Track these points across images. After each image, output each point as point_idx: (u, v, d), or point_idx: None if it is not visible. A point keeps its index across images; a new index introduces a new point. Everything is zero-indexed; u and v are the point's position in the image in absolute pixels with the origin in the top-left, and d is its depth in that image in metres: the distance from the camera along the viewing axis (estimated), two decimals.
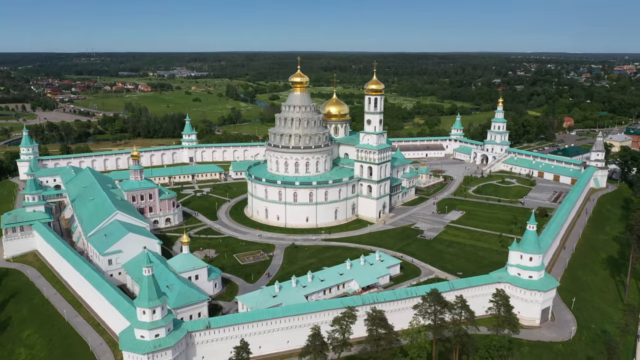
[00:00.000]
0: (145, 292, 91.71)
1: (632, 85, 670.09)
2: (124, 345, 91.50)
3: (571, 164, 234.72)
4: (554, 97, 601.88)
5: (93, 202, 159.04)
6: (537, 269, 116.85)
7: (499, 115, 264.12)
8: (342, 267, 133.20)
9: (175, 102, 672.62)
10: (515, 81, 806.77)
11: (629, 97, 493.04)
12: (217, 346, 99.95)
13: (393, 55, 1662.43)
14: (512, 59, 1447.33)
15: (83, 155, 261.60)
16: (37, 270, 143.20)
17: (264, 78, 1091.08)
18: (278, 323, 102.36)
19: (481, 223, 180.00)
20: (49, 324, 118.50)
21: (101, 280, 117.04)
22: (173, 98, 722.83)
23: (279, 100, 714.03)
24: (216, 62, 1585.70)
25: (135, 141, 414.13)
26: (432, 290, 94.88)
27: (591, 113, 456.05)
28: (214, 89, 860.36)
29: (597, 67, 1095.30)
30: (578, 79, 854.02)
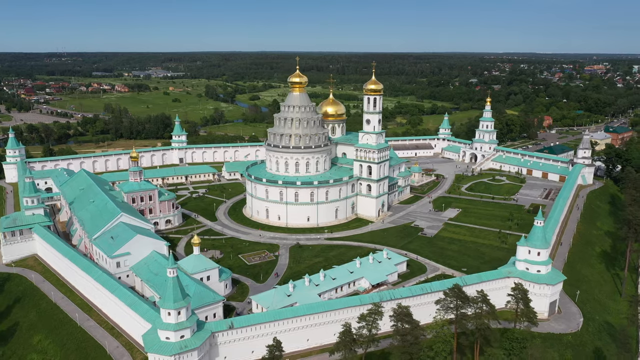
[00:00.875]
0: (170, 294, 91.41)
1: (604, 84, 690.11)
2: (149, 347, 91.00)
3: (558, 162, 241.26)
4: (531, 96, 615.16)
5: (94, 204, 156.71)
6: (545, 264, 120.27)
7: (486, 115, 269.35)
8: (352, 265, 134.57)
9: (154, 102, 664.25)
10: (492, 81, 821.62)
11: (604, 97, 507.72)
12: (239, 346, 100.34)
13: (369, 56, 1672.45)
14: (486, 59, 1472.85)
15: (71, 157, 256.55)
16: (40, 274, 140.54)
17: (242, 78, 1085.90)
18: (300, 321, 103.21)
19: (478, 220, 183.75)
20: (59, 328, 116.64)
21: (115, 283, 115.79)
22: (152, 99, 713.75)
23: (260, 100, 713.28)
24: (192, 62, 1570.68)
25: (118, 142, 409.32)
26: (454, 285, 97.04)
27: (568, 112, 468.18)
28: (192, 89, 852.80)
29: (569, 67, 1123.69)
30: (552, 78, 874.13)
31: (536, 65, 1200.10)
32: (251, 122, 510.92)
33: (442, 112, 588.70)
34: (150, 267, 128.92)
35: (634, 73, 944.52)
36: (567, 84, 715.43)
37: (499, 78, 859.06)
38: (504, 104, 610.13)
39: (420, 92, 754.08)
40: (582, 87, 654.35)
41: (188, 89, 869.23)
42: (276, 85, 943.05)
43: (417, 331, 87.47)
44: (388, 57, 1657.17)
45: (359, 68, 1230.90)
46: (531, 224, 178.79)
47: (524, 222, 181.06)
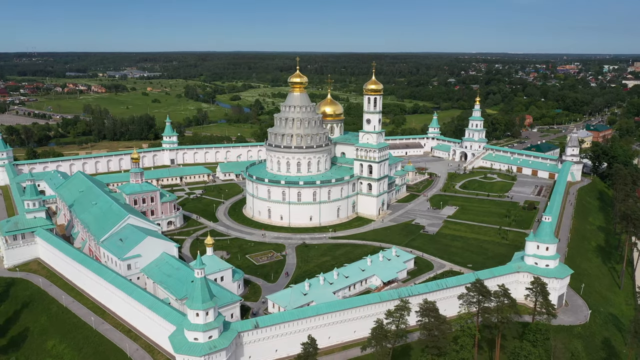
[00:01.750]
0: (199, 294, 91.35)
1: (578, 84, 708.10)
2: (178, 348, 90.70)
3: (547, 160, 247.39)
4: (509, 95, 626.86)
5: (97, 206, 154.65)
6: (553, 258, 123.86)
7: (476, 114, 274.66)
8: (363, 263, 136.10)
9: (133, 103, 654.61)
10: (470, 80, 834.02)
11: (581, 95, 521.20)
12: (263, 345, 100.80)
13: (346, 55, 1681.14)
14: (461, 59, 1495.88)
15: (60, 159, 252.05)
16: (45, 278, 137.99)
17: (220, 78, 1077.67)
18: (323, 319, 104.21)
19: (477, 217, 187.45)
20: (73, 332, 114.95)
21: (132, 286, 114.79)
22: (130, 99, 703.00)
23: (241, 101, 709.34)
24: (168, 62, 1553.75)
25: (102, 144, 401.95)
26: (476, 280, 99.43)
27: (547, 111, 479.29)
28: (170, 90, 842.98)
29: (542, 66, 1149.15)
30: (527, 78, 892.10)
31: (510, 65, 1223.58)
32: (235, 123, 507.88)
33: (424, 112, 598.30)
34: (161, 269, 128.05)
35: (605, 73, 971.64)
36: (544, 83, 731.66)
37: (477, 78, 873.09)
38: (483, 103, 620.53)
39: (401, 92, 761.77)
40: (558, 86, 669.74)
41: (166, 89, 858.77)
42: (255, 86, 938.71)
43: (445, 326, 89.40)
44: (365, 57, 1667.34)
45: (337, 68, 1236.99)
46: (527, 221, 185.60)
47: (520, 218, 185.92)
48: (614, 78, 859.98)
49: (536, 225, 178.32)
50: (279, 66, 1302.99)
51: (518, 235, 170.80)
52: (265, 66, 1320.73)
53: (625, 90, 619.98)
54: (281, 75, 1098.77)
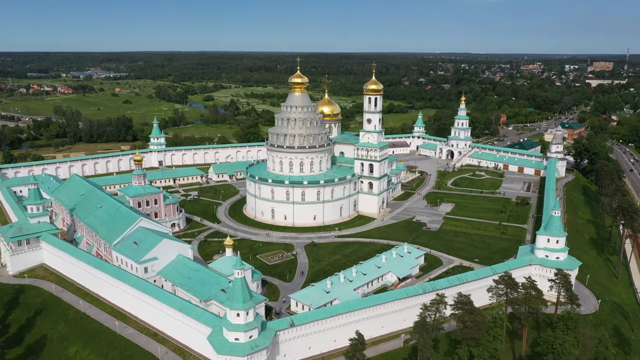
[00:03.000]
0: (240, 295, 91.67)
1: (545, 83, 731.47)
2: (220, 349, 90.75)
3: (533, 157, 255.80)
4: (480, 95, 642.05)
5: (103, 210, 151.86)
6: (563, 250, 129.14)
7: (461, 113, 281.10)
8: (378, 260, 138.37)
9: (103, 104, 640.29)
10: (440, 80, 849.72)
11: (551, 95, 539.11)
12: (298, 343, 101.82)
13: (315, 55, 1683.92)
14: (427, 59, 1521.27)
15: (46, 163, 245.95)
16: (55, 284, 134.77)
17: (189, 79, 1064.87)
18: (354, 315, 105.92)
19: (474, 213, 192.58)
20: (96, 338, 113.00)
21: (157, 289, 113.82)
22: (100, 100, 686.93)
23: (214, 101, 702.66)
24: (133, 62, 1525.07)
25: (78, 146, 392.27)
26: (505, 273, 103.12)
27: (520, 109, 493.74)
28: (140, 90, 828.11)
29: (506, 66, 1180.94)
30: (494, 77, 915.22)
31: (476, 65, 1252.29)
32: (212, 124, 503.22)
33: (399, 111, 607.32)
34: (180, 271, 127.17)
35: (567, 72, 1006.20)
36: (513, 82, 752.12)
37: (447, 77, 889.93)
38: (455, 102, 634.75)
39: None
40: (526, 85, 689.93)
41: (135, 90, 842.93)
42: (227, 86, 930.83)
43: (479, 317, 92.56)
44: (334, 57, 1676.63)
45: (307, 68, 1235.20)
46: (522, 216, 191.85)
47: (515, 214, 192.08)
48: (576, 77, 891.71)
49: (531, 221, 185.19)
50: (249, 66, 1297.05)
51: (516, 230, 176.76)
52: (234, 66, 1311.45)
53: (590, 89, 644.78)
54: (251, 75, 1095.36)
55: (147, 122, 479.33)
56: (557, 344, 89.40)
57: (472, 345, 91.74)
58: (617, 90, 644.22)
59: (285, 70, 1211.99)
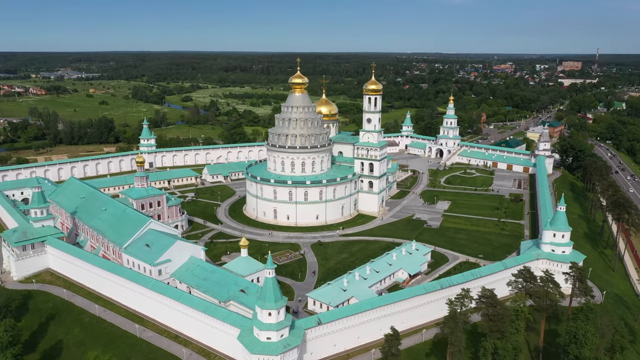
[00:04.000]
0: (271, 294, 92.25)
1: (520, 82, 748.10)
2: (253, 349, 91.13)
3: (521, 154, 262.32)
4: (458, 94, 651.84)
5: (108, 212, 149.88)
6: (568, 245, 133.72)
7: (450, 112, 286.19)
8: (389, 258, 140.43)
9: (80, 105, 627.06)
10: (418, 80, 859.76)
11: (528, 94, 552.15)
12: (324, 341, 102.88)
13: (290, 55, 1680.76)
14: (401, 59, 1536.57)
15: (34, 165, 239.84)
16: (64, 288, 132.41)
17: (164, 79, 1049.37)
18: (377, 312, 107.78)
19: (471, 210, 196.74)
20: (115, 342, 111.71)
21: (178, 291, 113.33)
22: (75, 101, 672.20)
23: (192, 102, 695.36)
24: (104, 62, 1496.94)
25: (59, 149, 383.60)
26: (524, 267, 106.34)
27: (498, 108, 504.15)
28: (114, 91, 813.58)
29: (479, 66, 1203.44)
30: (469, 77, 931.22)
31: (450, 64, 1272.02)
32: (194, 124, 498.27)
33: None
34: (195, 272, 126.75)
35: (539, 72, 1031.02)
36: (490, 82, 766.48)
37: (423, 77, 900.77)
38: (433, 101, 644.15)
39: (352, 92, 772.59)
40: (503, 85, 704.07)
41: (110, 90, 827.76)
42: (204, 86, 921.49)
43: (504, 311, 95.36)
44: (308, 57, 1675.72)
45: (283, 68, 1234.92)
46: (518, 212, 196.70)
47: (511, 210, 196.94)
48: (548, 76, 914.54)
49: (527, 217, 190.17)
50: (223, 66, 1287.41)
51: (514, 226, 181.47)
52: (209, 66, 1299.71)
53: (564, 88, 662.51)
54: (227, 75, 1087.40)
55: (127, 123, 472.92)
56: (580, 334, 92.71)
57: (497, 338, 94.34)
58: (589, 89, 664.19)
59: (261, 71, 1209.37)
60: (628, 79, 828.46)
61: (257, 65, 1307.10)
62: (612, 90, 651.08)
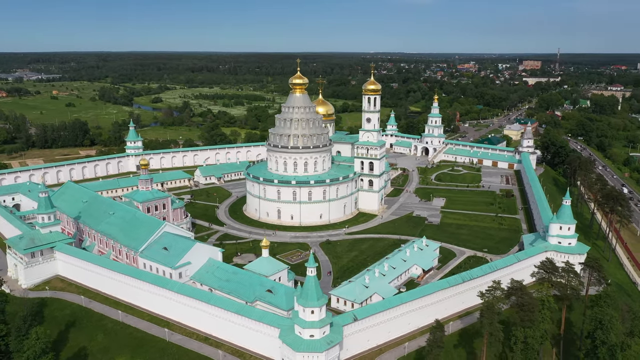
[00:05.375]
0: (314, 292, 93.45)
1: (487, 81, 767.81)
2: (298, 347, 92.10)
3: (505, 151, 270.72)
4: (429, 93, 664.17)
5: (117, 216, 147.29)
6: (574, 237, 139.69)
7: (434, 111, 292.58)
8: (403, 254, 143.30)
9: (45, 108, 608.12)
10: (387, 79, 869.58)
11: (498, 92, 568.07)
12: (359, 337, 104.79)
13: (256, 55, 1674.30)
14: (366, 59, 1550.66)
15: (18, 170, 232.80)
16: (78, 294, 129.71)
17: (130, 80, 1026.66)
18: (407, 307, 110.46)
19: (466, 206, 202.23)
20: (143, 347, 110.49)
21: (208, 293, 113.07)
22: (40, 104, 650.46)
23: (163, 103, 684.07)
24: (64, 63, 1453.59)
25: (33, 152, 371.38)
26: (546, 259, 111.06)
27: (470, 107, 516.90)
28: (79, 93, 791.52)
29: (443, 65, 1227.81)
30: (435, 76, 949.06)
31: (415, 64, 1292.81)
32: (170, 126, 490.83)
33: (354, 110, 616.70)
34: (216, 274, 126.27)
35: (502, 71, 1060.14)
36: (459, 81, 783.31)
37: (393, 77, 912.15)
38: (405, 100, 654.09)
39: (324, 92, 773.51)
40: (471, 83, 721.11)
41: (74, 92, 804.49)
42: (172, 87, 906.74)
43: (534, 301, 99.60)
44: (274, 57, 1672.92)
45: (251, 68, 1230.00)
46: (511, 207, 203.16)
47: (505, 205, 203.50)
48: (511, 75, 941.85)
49: (521, 212, 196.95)
50: (190, 67, 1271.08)
51: (511, 220, 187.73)
52: (174, 67, 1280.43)
53: (530, 87, 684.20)
54: (195, 76, 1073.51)
55: (100, 125, 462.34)
56: (606, 319, 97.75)
57: (527, 327, 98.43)
58: (553, 87, 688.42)
59: (228, 71, 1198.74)
60: (588, 77, 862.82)
61: (223, 66, 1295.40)
62: (576, 88, 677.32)
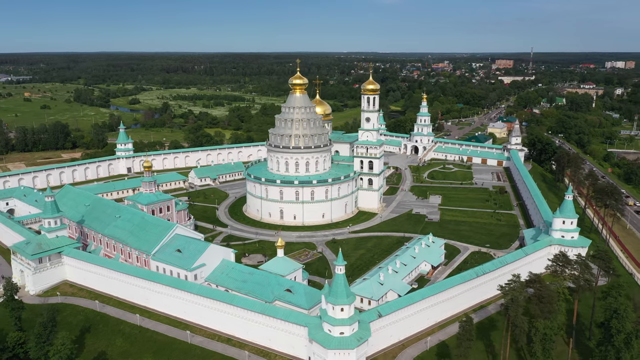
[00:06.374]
0: (343, 290, 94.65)
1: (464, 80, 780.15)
2: (329, 344, 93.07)
3: (493, 149, 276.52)
4: (408, 92, 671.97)
5: (124, 220, 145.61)
6: (576, 230, 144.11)
7: (423, 110, 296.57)
8: (412, 251, 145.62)
9: (19, 110, 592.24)
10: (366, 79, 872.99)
11: (477, 91, 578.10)
12: (382, 333, 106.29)
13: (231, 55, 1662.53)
14: (342, 59, 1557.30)
15: (7, 175, 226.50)
16: (91, 299, 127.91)
17: (103, 81, 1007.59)
18: (430, 301, 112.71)
19: (463, 203, 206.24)
20: (165, 350, 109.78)
21: (229, 294, 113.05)
22: (13, 106, 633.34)
23: (141, 104, 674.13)
24: (32, 64, 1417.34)
25: (12, 156, 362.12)
26: (560, 252, 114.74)
27: (451, 106, 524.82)
28: (52, 94, 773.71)
29: (418, 64, 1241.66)
30: (412, 75, 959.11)
31: (390, 63, 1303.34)
32: (151, 127, 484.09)
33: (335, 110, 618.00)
34: (231, 275, 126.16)
35: (476, 70, 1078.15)
36: (437, 80, 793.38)
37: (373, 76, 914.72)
38: (385, 99, 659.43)
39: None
40: (449, 82, 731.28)
41: (47, 94, 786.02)
42: (148, 88, 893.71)
43: (552, 293, 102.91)
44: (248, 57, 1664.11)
45: (227, 68, 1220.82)
46: (506, 203, 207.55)
47: (500, 201, 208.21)
48: (486, 74, 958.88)
49: (517, 208, 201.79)
50: (164, 67, 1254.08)
51: (508, 216, 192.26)
52: (148, 67, 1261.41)
53: (506, 86, 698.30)
54: (170, 76, 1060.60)
55: (79, 127, 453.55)
56: (621, 309, 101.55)
57: (547, 318, 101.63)
58: (528, 85, 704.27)
59: (204, 71, 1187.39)
60: (561, 76, 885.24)
61: (199, 66, 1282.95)
62: (551, 86, 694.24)
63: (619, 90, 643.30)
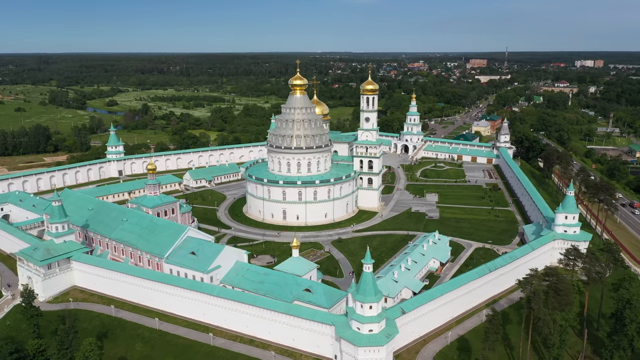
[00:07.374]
0: (371, 288, 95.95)
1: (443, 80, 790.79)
2: (359, 342, 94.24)
3: (483, 147, 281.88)
4: (388, 92, 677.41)
5: (131, 223, 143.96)
6: (578, 225, 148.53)
7: (412, 109, 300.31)
8: (421, 248, 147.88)
9: None
10: (345, 79, 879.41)
11: (458, 90, 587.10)
12: (404, 329, 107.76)
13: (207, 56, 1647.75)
14: (318, 59, 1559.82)
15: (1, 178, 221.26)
16: (104, 304, 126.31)
17: (77, 83, 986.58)
18: (448, 297, 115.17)
19: (459, 200, 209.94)
20: (188, 352, 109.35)
21: (250, 295, 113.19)
22: None
23: (119, 106, 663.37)
24: (2, 65, 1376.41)
25: None
26: (572, 246, 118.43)
27: (433, 105, 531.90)
28: (25, 97, 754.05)
29: (393, 64, 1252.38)
30: (389, 75, 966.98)
31: (366, 63, 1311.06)
32: (133, 129, 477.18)
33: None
34: (246, 276, 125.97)
35: (452, 69, 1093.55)
36: (417, 79, 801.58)
37: (351, 76, 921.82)
38: None
39: (283, 92, 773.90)
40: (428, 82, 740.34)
41: (20, 96, 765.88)
42: (124, 89, 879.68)
43: (569, 286, 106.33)
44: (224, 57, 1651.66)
45: (203, 69, 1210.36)
46: (502, 200, 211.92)
47: (495, 198, 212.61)
48: (462, 74, 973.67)
49: (512, 204, 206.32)
50: (139, 68, 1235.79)
51: (505, 213, 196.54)
52: (123, 68, 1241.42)
53: (484, 85, 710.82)
54: (146, 77, 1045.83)
55: (58, 130, 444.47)
56: (634, 299, 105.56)
57: (564, 310, 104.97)
58: (505, 84, 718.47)
59: (180, 72, 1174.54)
60: (535, 74, 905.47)
61: (174, 67, 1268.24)
62: (527, 85, 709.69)
63: (592, 88, 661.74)
